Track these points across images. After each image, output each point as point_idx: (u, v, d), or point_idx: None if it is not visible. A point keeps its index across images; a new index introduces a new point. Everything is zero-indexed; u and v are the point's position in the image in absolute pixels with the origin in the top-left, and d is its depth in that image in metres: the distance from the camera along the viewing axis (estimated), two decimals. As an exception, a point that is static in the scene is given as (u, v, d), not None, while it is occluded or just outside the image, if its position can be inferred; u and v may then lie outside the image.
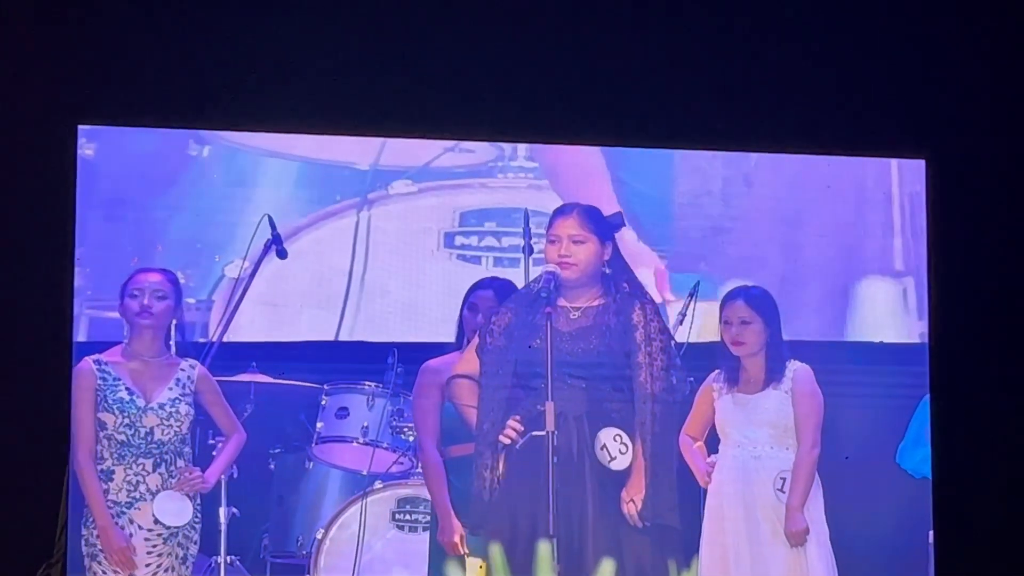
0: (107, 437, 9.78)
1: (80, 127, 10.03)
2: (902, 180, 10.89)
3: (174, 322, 9.91)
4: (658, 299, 10.38)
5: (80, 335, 9.99)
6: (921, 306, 10.77)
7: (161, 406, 9.81)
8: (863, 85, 11.06)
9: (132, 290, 9.85)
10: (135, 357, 9.84)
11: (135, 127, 10.25)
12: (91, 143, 10.16)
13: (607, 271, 10.02)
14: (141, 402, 9.80)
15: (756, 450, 10.25)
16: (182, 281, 10.04)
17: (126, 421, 9.79)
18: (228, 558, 9.97)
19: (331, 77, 10.50)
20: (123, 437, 9.78)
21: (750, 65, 10.91)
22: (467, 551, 9.95)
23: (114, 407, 9.78)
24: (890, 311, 10.85)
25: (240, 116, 10.29)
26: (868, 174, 10.94)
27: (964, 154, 10.96)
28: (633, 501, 9.94)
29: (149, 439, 9.80)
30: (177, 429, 9.82)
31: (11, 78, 10.24)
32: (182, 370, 9.88)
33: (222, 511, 9.94)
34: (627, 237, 10.37)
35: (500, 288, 10.24)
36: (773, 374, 10.24)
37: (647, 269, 10.52)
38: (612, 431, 10.00)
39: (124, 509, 9.77)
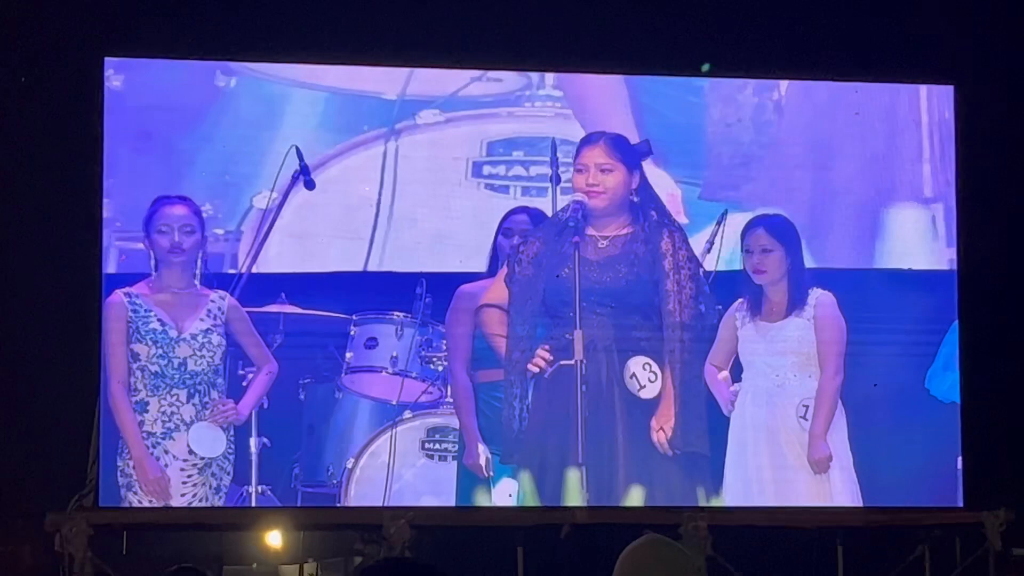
0: (140, 368, 9.95)
1: (107, 59, 10.16)
2: (931, 106, 10.94)
3: (200, 253, 10.05)
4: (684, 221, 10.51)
5: (110, 267, 10.10)
6: (950, 233, 10.87)
7: (194, 336, 9.96)
8: (892, 11, 11.15)
9: (160, 225, 9.97)
10: (164, 289, 9.99)
11: (162, 59, 10.33)
12: (119, 75, 10.23)
13: (635, 199, 10.17)
14: (174, 332, 9.96)
15: (779, 378, 10.38)
16: (209, 212, 10.19)
17: (159, 352, 9.94)
18: (259, 488, 10.11)
19: (358, 7, 10.65)
20: (157, 368, 9.94)
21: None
22: (491, 474, 10.15)
23: (147, 338, 9.94)
24: (919, 238, 10.89)
25: (267, 47, 10.42)
26: (897, 101, 10.99)
27: (993, 80, 11.05)
28: (663, 429, 10.15)
29: (183, 370, 9.95)
30: (210, 360, 9.98)
31: (38, 10, 10.45)
32: (212, 301, 10.02)
33: (253, 441, 10.08)
34: (652, 165, 10.48)
35: (535, 215, 10.38)
36: (795, 302, 10.36)
37: (666, 195, 10.55)
38: (641, 359, 10.20)
39: (159, 440, 9.94)
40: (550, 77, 10.64)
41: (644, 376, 10.15)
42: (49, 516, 9.68)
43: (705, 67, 10.82)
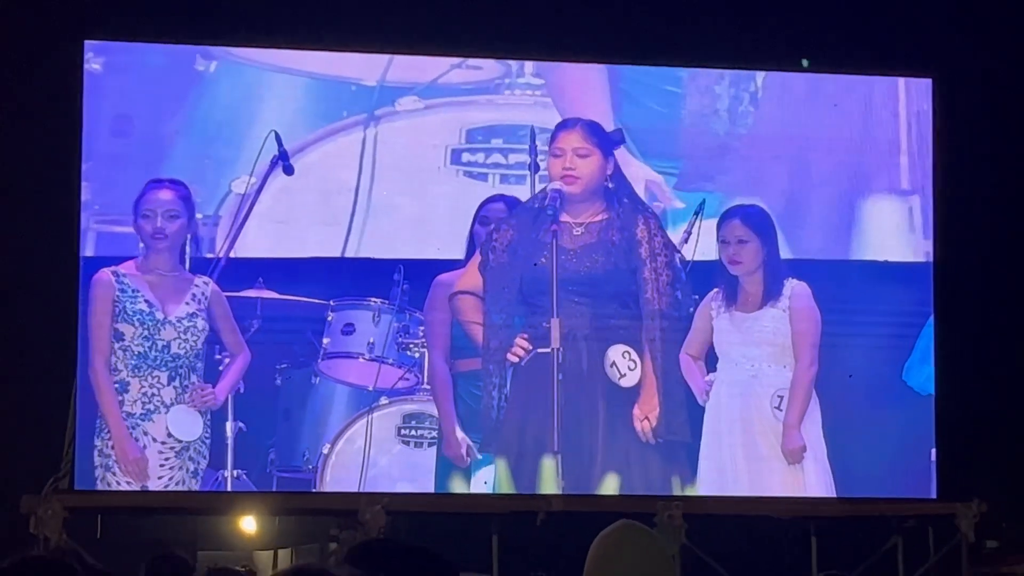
0: (123, 348, 10.02)
1: (87, 42, 10.23)
2: (909, 99, 11.05)
3: (188, 237, 10.11)
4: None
5: (88, 250, 10.19)
6: (927, 225, 10.99)
7: (179, 320, 10.06)
8: (871, 4, 11.23)
9: (144, 210, 10.04)
10: (151, 271, 10.07)
11: (142, 42, 10.40)
12: (98, 58, 10.31)
13: (610, 186, 10.26)
14: (160, 315, 10.04)
15: (754, 368, 10.48)
16: (187, 197, 10.48)
17: (144, 333, 10.02)
18: (235, 472, 10.18)
19: None
20: (140, 349, 10.02)
21: None
22: (471, 459, 10.20)
23: (133, 318, 10.01)
24: (896, 229, 11.01)
25: (248, 31, 10.47)
26: (875, 92, 11.10)
27: (970, 73, 11.15)
28: (648, 418, 10.23)
29: (166, 352, 10.03)
30: (193, 343, 10.07)
31: None
32: (196, 286, 10.11)
33: (229, 426, 10.15)
34: (626, 153, 10.57)
35: (511, 203, 10.47)
36: (771, 292, 10.46)
37: (641, 184, 10.67)
38: (621, 348, 10.28)
39: (139, 421, 10.01)
40: (529, 65, 10.75)
41: (624, 364, 10.22)
42: (24, 499, 9.71)
43: (805, 63, 10.96)
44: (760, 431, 10.47)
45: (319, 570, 2.41)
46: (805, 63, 10.99)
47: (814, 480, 10.52)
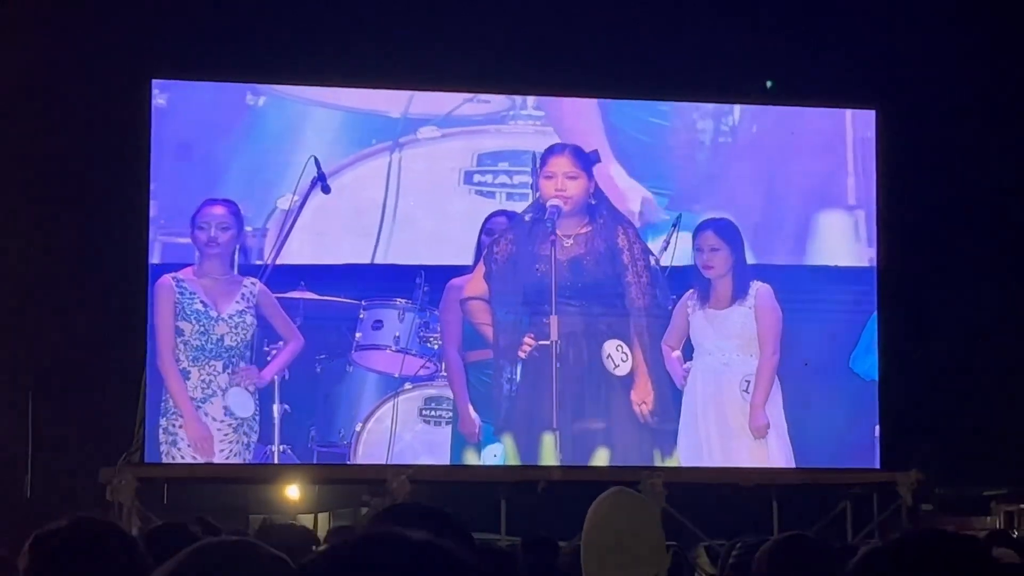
0: (184, 342, 10.45)
1: (154, 80, 10.70)
2: (855, 127, 11.44)
3: (238, 247, 10.52)
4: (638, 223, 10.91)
5: (154, 258, 10.58)
6: (871, 234, 11.34)
7: (230, 316, 10.47)
8: (823, 45, 11.72)
9: (200, 223, 10.46)
10: (206, 275, 10.48)
11: (201, 80, 10.85)
12: (163, 94, 10.72)
13: (592, 202, 10.67)
14: (214, 313, 10.45)
15: (725, 357, 10.89)
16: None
17: (200, 329, 10.45)
18: (281, 447, 10.57)
19: (369, 39, 11.19)
20: (198, 342, 10.45)
21: (731, 30, 11.59)
22: (481, 438, 10.62)
23: (191, 317, 10.44)
24: (844, 239, 11.36)
25: (291, 71, 10.91)
26: (826, 122, 11.51)
27: (909, 104, 11.56)
28: (645, 403, 10.67)
29: (220, 344, 10.46)
30: (243, 336, 10.49)
31: (96, 38, 10.96)
32: (245, 287, 10.50)
33: (276, 408, 10.54)
34: (615, 173, 10.96)
35: (511, 217, 10.82)
36: (739, 293, 10.86)
37: (635, 200, 11.02)
38: (614, 342, 10.72)
39: (199, 404, 10.46)
40: (531, 99, 11.07)
41: (618, 356, 10.62)
42: (102, 471, 10.24)
43: (769, 84, 11.39)
44: (730, 411, 10.84)
45: (386, 531, 2.25)
46: (769, 84, 11.38)
47: (777, 453, 10.90)
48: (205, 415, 10.48)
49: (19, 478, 10.75)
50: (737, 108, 11.32)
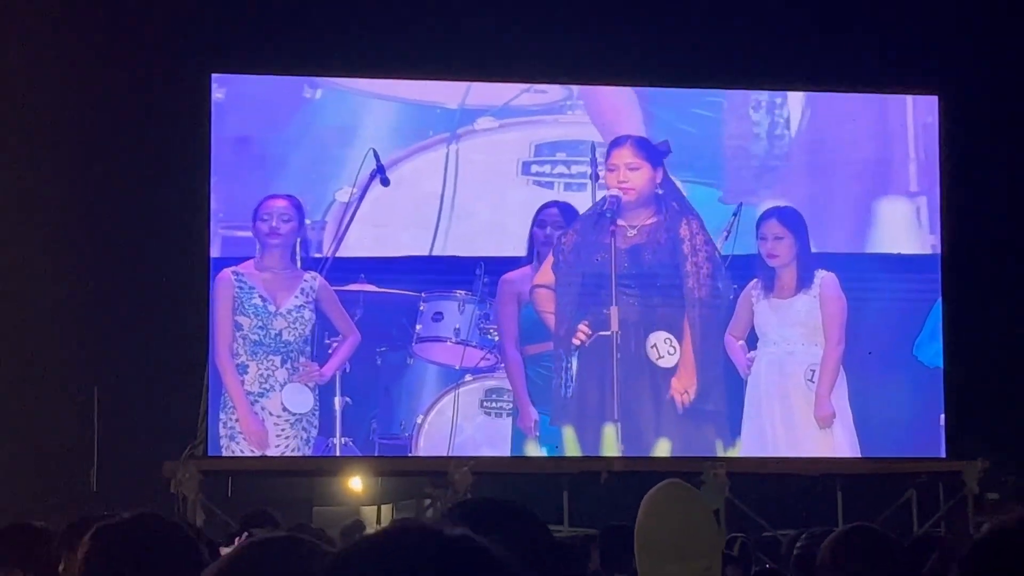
0: (242, 337, 10.46)
1: (214, 75, 10.72)
2: (916, 113, 11.33)
3: (299, 240, 10.51)
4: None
5: (215, 251, 10.61)
6: (933, 222, 11.25)
7: (289, 311, 10.47)
8: (883, 29, 11.63)
9: (262, 214, 10.47)
10: (266, 269, 10.49)
11: (259, 74, 10.89)
12: (222, 88, 10.74)
13: (660, 192, 10.62)
14: (272, 308, 10.45)
15: (789, 347, 10.82)
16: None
17: (259, 323, 10.46)
18: (343, 439, 10.58)
19: (427, 31, 11.20)
20: (256, 337, 10.46)
21: (788, 14, 11.53)
22: (538, 433, 10.60)
23: (249, 311, 10.45)
24: (906, 226, 11.28)
25: (348, 64, 10.91)
26: (888, 108, 11.39)
27: (971, 89, 11.44)
28: (687, 392, 10.64)
29: (278, 339, 10.47)
30: (301, 331, 10.48)
31: (156, 34, 11.02)
32: (305, 281, 10.50)
33: (337, 400, 10.53)
34: (679, 167, 10.88)
35: (563, 208, 10.79)
36: (803, 281, 10.79)
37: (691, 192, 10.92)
38: (663, 334, 10.68)
39: (257, 398, 10.47)
40: (588, 89, 11.05)
41: (664, 348, 10.59)
42: (166, 465, 10.28)
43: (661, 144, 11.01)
44: (795, 400, 10.77)
45: (419, 525, 2.24)
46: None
47: (842, 442, 10.83)
48: (262, 409, 10.49)
49: (85, 471, 10.81)
50: (793, 95, 11.25)
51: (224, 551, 3.59)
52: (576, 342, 10.55)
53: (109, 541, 3.50)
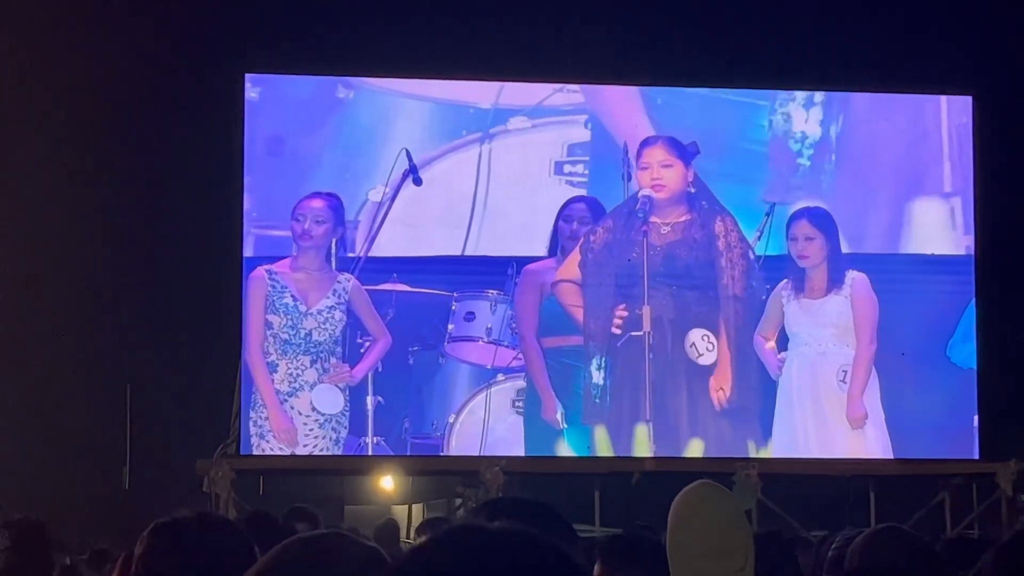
0: (272, 335, 10.47)
1: (247, 75, 10.74)
2: (950, 113, 11.27)
3: (335, 241, 10.49)
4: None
5: (248, 251, 10.62)
6: (967, 222, 11.18)
7: (319, 312, 10.47)
8: (919, 29, 11.51)
9: (297, 215, 10.48)
10: (300, 269, 10.48)
11: (292, 74, 10.91)
12: (255, 88, 10.77)
13: (692, 191, 10.62)
14: (303, 308, 10.45)
15: (821, 347, 10.77)
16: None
17: (289, 323, 10.46)
18: (375, 439, 10.58)
19: (460, 32, 11.18)
20: (286, 336, 10.46)
21: (823, 15, 11.50)
22: (565, 426, 10.54)
23: (280, 310, 10.45)
24: (940, 227, 11.22)
25: (381, 64, 10.91)
26: (921, 109, 11.35)
27: (1005, 89, 11.39)
28: (722, 389, 10.62)
29: (308, 339, 10.46)
30: (331, 332, 10.47)
31: (190, 34, 11.08)
32: (338, 282, 10.49)
33: (369, 400, 10.54)
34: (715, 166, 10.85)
35: (590, 203, 10.75)
36: (834, 282, 10.74)
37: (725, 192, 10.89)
38: (700, 331, 10.66)
39: (286, 397, 10.47)
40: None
41: (703, 346, 10.57)
42: (198, 463, 10.29)
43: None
44: (827, 401, 10.71)
45: (463, 524, 2.28)
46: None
47: (874, 443, 10.77)
48: (291, 408, 10.50)
49: (117, 470, 10.84)
50: (828, 96, 11.21)
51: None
52: (616, 331, 10.52)
53: (167, 538, 3.52)
